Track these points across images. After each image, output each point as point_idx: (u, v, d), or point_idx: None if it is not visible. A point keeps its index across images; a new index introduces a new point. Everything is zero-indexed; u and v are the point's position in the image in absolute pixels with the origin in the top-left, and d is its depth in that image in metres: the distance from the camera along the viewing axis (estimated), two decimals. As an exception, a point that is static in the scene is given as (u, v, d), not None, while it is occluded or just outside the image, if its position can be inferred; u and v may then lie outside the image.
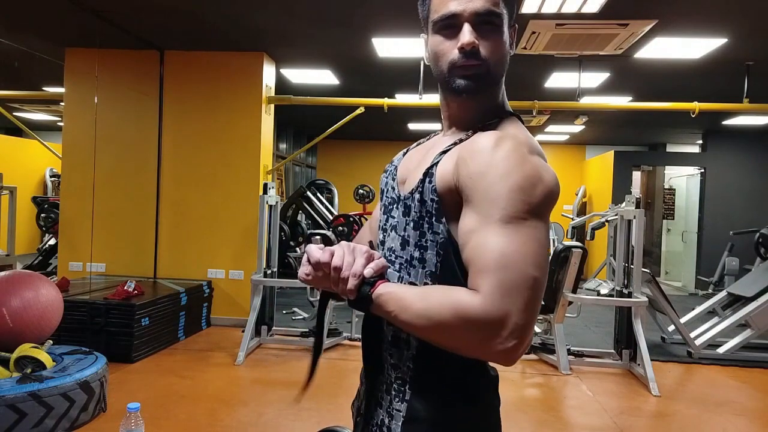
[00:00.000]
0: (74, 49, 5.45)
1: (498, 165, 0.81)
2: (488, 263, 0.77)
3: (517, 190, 0.79)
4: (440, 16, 0.92)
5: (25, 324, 3.13)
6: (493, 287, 0.76)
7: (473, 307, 0.76)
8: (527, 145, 0.85)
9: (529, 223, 0.79)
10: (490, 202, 0.80)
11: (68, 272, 5.35)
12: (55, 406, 2.79)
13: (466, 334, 0.77)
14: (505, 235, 0.78)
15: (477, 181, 0.82)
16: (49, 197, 8.23)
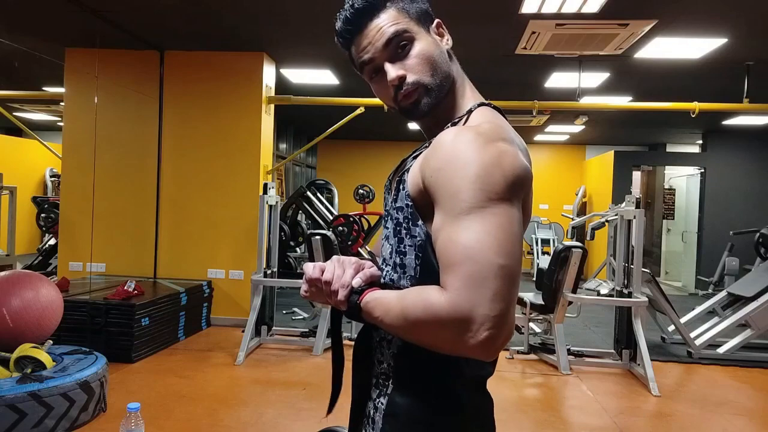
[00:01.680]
0: (74, 49, 5.45)
1: (455, 158, 0.81)
2: (453, 258, 0.77)
3: (474, 180, 0.78)
4: (362, 70, 0.97)
5: (25, 324, 3.13)
6: (458, 282, 0.75)
7: (441, 304, 0.76)
8: (488, 133, 0.84)
9: (492, 210, 0.78)
10: (451, 197, 0.80)
11: (68, 272, 5.35)
12: (55, 406, 2.79)
13: (438, 332, 0.77)
14: (467, 227, 0.77)
15: (438, 177, 0.82)
16: (49, 197, 8.23)
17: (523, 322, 4.82)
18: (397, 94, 0.94)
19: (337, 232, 6.29)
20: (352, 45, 0.96)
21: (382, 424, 0.94)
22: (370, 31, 0.93)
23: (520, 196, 0.83)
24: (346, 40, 0.97)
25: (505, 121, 0.93)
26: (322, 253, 4.70)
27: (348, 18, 0.94)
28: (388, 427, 0.93)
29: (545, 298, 4.61)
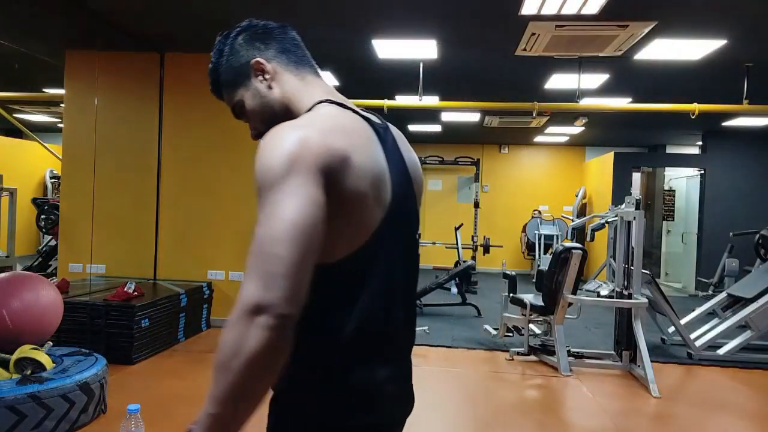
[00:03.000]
0: (74, 52, 5.45)
1: (258, 154, 0.90)
2: (248, 257, 0.86)
3: (258, 179, 0.87)
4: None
5: (25, 325, 3.13)
6: (244, 281, 0.83)
7: (231, 317, 0.82)
8: (291, 124, 0.92)
9: (270, 199, 0.85)
10: (257, 192, 0.89)
11: (68, 273, 5.35)
12: (55, 407, 2.79)
13: (241, 341, 0.81)
14: (259, 220, 0.85)
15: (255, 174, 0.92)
16: (49, 198, 8.22)
17: (523, 323, 4.82)
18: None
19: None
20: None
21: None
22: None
23: (305, 168, 0.86)
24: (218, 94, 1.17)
25: (337, 112, 1.00)
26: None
27: (210, 90, 1.17)
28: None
29: (545, 299, 4.61)
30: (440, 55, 5.01)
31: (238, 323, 0.81)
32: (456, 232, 9.54)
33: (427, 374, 4.30)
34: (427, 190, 11.27)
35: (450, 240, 10.10)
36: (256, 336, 0.80)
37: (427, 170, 11.25)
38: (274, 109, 1.07)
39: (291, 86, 1.09)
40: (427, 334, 5.17)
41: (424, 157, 11.03)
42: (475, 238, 10.45)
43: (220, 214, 5.38)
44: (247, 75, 1.09)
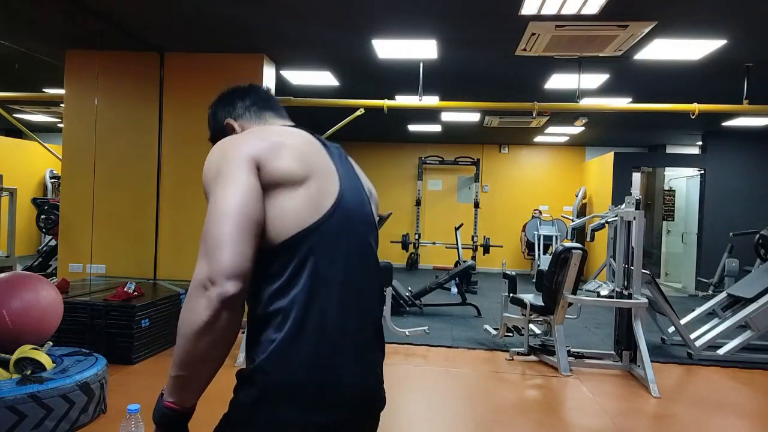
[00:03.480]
0: (74, 51, 5.45)
1: (205, 164, 1.14)
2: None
3: (206, 175, 1.12)
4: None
5: (25, 325, 3.13)
6: (196, 263, 1.00)
7: (186, 297, 0.98)
8: (224, 142, 1.15)
9: (214, 192, 1.06)
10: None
11: (68, 273, 5.35)
12: (55, 407, 2.79)
13: (195, 312, 0.96)
14: (207, 213, 1.06)
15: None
16: (49, 198, 8.23)
17: (523, 323, 4.82)
18: None
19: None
20: None
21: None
22: None
23: (235, 162, 1.05)
24: None
25: (267, 127, 1.24)
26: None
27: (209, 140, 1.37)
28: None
29: (545, 299, 4.61)
30: (440, 55, 5.01)
31: (190, 297, 0.96)
32: (456, 232, 9.54)
33: (427, 374, 4.30)
34: (426, 190, 11.28)
35: (450, 240, 10.10)
36: (204, 306, 0.94)
37: (427, 170, 11.25)
38: (219, 134, 1.30)
39: (250, 119, 1.31)
40: (427, 334, 5.17)
41: (424, 157, 11.04)
42: (475, 238, 10.45)
43: (220, 214, 5.37)
44: (225, 132, 1.30)
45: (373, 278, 1.18)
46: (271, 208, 1.03)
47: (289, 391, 1.01)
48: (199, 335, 0.95)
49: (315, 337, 1.03)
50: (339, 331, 1.06)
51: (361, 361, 1.11)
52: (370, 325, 1.16)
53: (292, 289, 1.03)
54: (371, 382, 1.15)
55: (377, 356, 1.19)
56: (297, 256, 1.03)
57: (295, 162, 1.07)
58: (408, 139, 10.88)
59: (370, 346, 1.15)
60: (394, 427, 3.33)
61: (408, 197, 11.26)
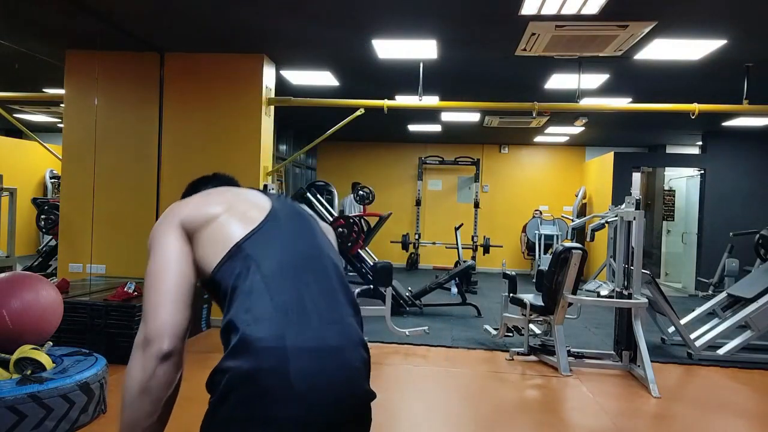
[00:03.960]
0: (74, 51, 5.45)
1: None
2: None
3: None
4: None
5: (25, 325, 3.13)
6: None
7: (129, 359, 1.07)
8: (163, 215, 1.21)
9: (148, 262, 1.14)
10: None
11: (68, 273, 5.35)
12: (55, 407, 2.79)
13: (137, 371, 1.05)
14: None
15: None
16: (49, 198, 8.23)
17: (523, 323, 4.82)
18: None
19: (338, 234, 6.30)
20: None
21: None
22: None
23: (173, 230, 1.15)
24: None
25: (190, 198, 1.27)
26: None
27: None
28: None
29: (545, 299, 4.61)
30: (440, 55, 5.01)
31: (131, 359, 1.05)
32: (456, 232, 9.54)
33: (427, 374, 4.30)
34: (426, 190, 11.28)
35: (450, 240, 10.10)
36: (142, 365, 1.03)
37: (427, 170, 11.26)
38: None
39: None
40: (427, 334, 5.17)
41: (424, 157, 11.04)
42: (475, 238, 10.45)
43: (220, 214, 5.37)
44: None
45: (328, 292, 1.18)
46: (199, 248, 1.15)
47: (251, 386, 1.02)
48: (140, 394, 1.03)
49: (271, 340, 1.05)
50: (295, 331, 1.07)
51: (322, 354, 1.09)
52: (336, 323, 1.14)
53: (242, 296, 1.09)
54: (341, 384, 1.10)
55: (352, 355, 1.14)
56: (233, 274, 1.11)
57: (216, 205, 1.19)
58: (408, 139, 10.88)
59: (339, 346, 1.13)
60: (394, 427, 3.33)
61: (408, 197, 11.26)
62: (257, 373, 1.02)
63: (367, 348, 1.20)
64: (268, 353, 1.03)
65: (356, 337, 1.17)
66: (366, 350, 1.19)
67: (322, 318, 1.12)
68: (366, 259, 6.70)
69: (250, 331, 1.04)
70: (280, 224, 1.21)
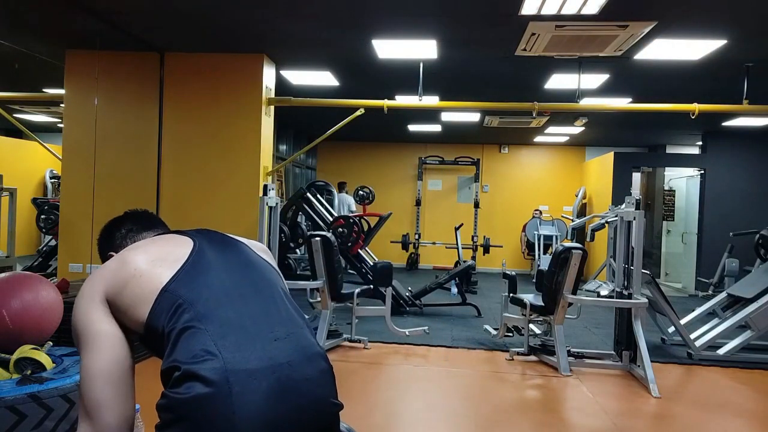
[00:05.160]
0: (74, 51, 5.45)
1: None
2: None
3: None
4: None
5: (24, 325, 3.13)
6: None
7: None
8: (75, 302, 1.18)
9: (80, 358, 1.10)
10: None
11: (68, 273, 5.35)
12: (55, 407, 2.79)
13: None
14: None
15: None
16: (49, 198, 8.23)
17: (523, 323, 4.82)
18: None
19: (337, 234, 6.30)
20: None
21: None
22: None
23: (96, 307, 1.12)
24: None
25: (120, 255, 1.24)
26: (322, 255, 4.70)
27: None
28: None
29: (545, 299, 4.61)
30: (440, 55, 5.01)
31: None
32: (456, 232, 9.54)
33: (427, 374, 4.30)
34: (426, 190, 11.28)
35: (450, 240, 10.10)
36: None
37: (427, 170, 11.26)
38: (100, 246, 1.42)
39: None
40: (427, 334, 5.17)
41: (424, 157, 11.04)
42: (475, 238, 10.45)
43: (220, 214, 5.38)
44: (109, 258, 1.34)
45: (271, 302, 1.22)
46: (128, 309, 1.12)
47: (192, 412, 1.02)
48: None
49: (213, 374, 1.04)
50: (238, 356, 1.07)
51: (273, 372, 1.08)
52: (283, 339, 1.14)
53: (179, 337, 1.08)
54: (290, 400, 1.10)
55: (308, 367, 1.14)
56: (167, 313, 1.10)
57: (133, 263, 1.17)
58: (408, 139, 10.88)
59: (290, 361, 1.12)
60: (394, 426, 3.34)
61: (408, 197, 11.26)
62: (198, 401, 1.01)
63: (326, 357, 1.20)
64: (210, 382, 1.02)
65: (310, 349, 1.16)
66: (325, 360, 1.18)
67: (267, 337, 1.12)
68: (366, 259, 6.70)
69: (191, 367, 1.03)
70: (206, 257, 1.22)
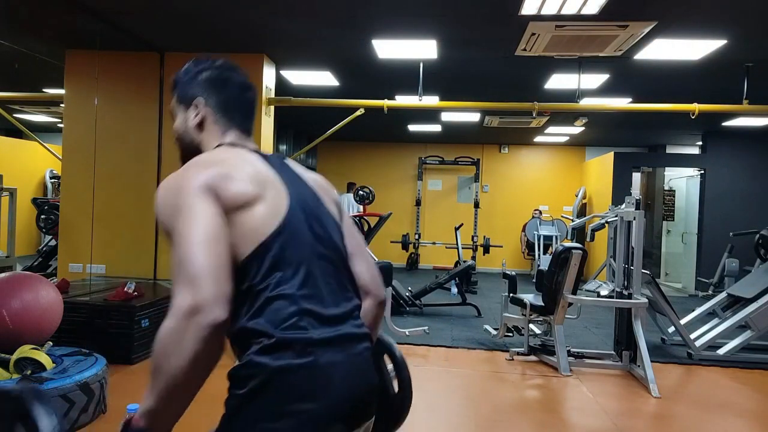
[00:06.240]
0: (74, 51, 5.45)
1: (156, 200, 1.10)
2: (171, 278, 1.02)
3: (164, 212, 1.08)
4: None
5: (24, 325, 3.13)
6: (174, 295, 0.97)
7: (166, 323, 0.95)
8: (177, 172, 1.13)
9: (178, 226, 1.03)
10: (164, 230, 1.08)
11: (68, 274, 5.35)
12: (55, 407, 2.79)
13: (184, 332, 0.94)
14: (172, 248, 1.03)
15: (157, 217, 1.11)
16: (49, 198, 8.23)
17: (523, 323, 4.82)
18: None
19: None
20: None
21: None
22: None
23: (204, 196, 1.06)
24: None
25: (218, 151, 1.23)
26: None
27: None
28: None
29: (545, 299, 4.61)
30: (440, 55, 5.01)
31: (173, 329, 0.94)
32: (456, 232, 9.54)
33: (427, 374, 4.30)
34: (426, 190, 11.28)
35: (450, 240, 10.10)
36: (193, 336, 0.93)
37: (427, 170, 11.26)
38: (185, 141, 1.32)
39: (208, 135, 1.30)
40: (427, 334, 5.17)
41: (424, 157, 11.04)
42: (475, 238, 10.45)
43: (220, 214, 5.37)
44: (188, 103, 1.33)
45: (341, 280, 1.22)
46: (232, 229, 1.08)
47: (280, 380, 1.03)
48: (189, 366, 0.94)
49: (294, 336, 1.06)
50: (317, 325, 1.09)
51: (342, 346, 1.13)
52: (348, 313, 1.18)
53: (266, 297, 1.07)
54: (353, 371, 1.14)
55: (362, 344, 1.17)
56: (261, 267, 1.08)
57: (245, 184, 1.12)
58: (408, 139, 10.88)
59: (353, 334, 1.16)
60: (394, 427, 3.33)
61: (408, 197, 11.25)
62: (289, 369, 1.04)
63: (371, 337, 1.25)
64: (299, 350, 1.05)
65: (363, 327, 1.21)
66: (370, 339, 1.23)
67: (338, 308, 1.15)
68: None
69: (285, 335, 1.05)
70: (298, 214, 1.17)
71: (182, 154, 1.32)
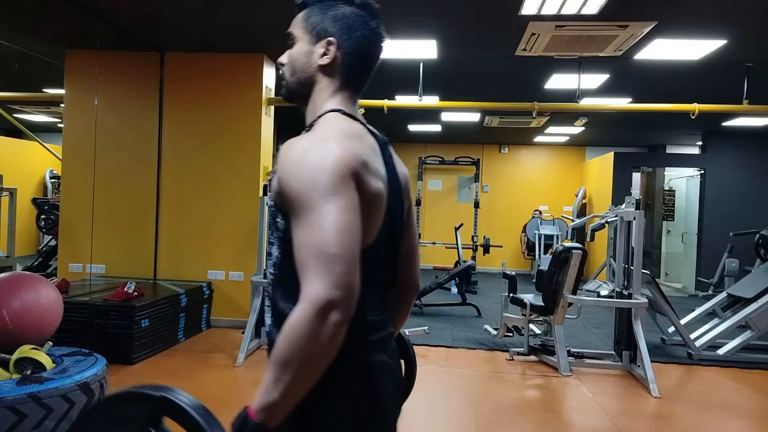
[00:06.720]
0: (74, 51, 5.45)
1: (291, 167, 0.97)
2: (301, 260, 0.91)
3: (305, 185, 0.94)
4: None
5: (24, 325, 3.13)
6: (308, 281, 0.89)
7: (299, 314, 0.87)
8: (317, 139, 1.00)
9: (323, 209, 0.91)
10: (293, 202, 0.95)
11: (68, 273, 5.35)
12: (55, 407, 2.79)
13: (317, 330, 0.87)
14: (307, 228, 0.92)
15: (284, 185, 0.97)
16: (49, 198, 8.23)
17: (523, 323, 4.82)
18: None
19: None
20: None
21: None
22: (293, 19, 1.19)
23: (350, 179, 0.95)
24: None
25: (348, 123, 1.08)
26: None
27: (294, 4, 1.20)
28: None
29: (545, 299, 4.61)
30: (440, 55, 5.01)
31: (311, 319, 0.86)
32: (456, 232, 9.54)
33: (427, 374, 4.30)
34: (426, 190, 11.28)
35: (450, 240, 10.10)
36: (329, 332, 0.87)
37: (427, 170, 11.25)
38: (301, 79, 1.15)
39: (324, 85, 1.15)
40: (427, 334, 5.17)
41: (424, 157, 11.03)
42: (475, 238, 10.45)
43: (220, 214, 5.38)
44: (318, 37, 1.14)
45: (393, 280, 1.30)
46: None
47: (384, 380, 1.07)
48: (320, 360, 0.90)
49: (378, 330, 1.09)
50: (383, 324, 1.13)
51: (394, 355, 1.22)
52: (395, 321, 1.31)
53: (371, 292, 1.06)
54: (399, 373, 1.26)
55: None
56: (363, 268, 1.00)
57: (380, 183, 1.04)
58: (408, 139, 10.88)
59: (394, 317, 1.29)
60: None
61: (408, 197, 11.24)
62: (390, 369, 1.09)
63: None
64: (392, 351, 1.12)
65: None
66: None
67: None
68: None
69: (383, 328, 1.09)
70: (386, 226, 1.10)
71: (288, 87, 1.17)
